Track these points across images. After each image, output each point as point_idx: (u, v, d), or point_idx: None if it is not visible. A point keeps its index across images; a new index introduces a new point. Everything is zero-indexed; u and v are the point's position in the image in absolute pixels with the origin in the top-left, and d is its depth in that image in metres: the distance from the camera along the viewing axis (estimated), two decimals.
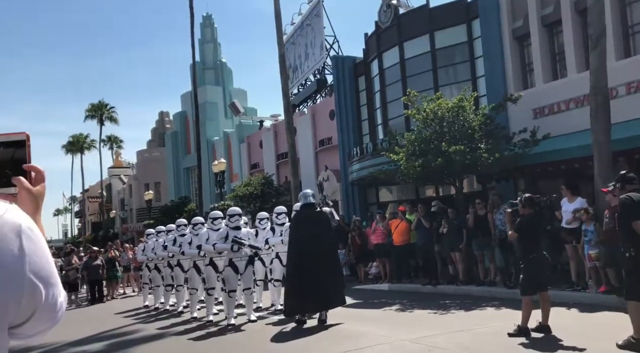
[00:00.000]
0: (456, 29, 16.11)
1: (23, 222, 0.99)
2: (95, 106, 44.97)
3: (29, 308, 1.00)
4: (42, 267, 1.00)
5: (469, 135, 12.10)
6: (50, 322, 1.07)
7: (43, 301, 1.01)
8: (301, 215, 8.49)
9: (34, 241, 0.99)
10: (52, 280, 1.02)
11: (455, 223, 11.19)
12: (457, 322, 7.48)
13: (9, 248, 0.95)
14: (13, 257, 0.95)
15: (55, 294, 1.04)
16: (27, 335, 1.06)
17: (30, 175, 1.13)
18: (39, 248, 1.00)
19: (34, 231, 1.01)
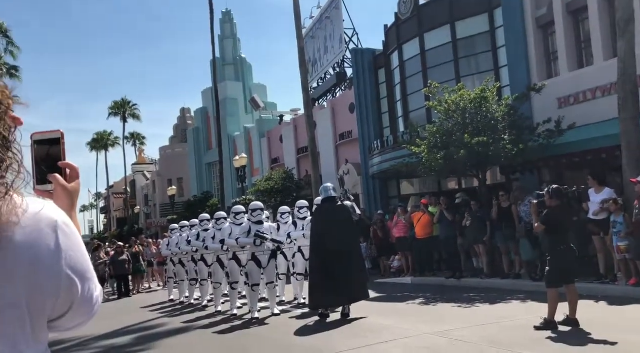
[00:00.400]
0: (478, 19, 15.85)
1: (59, 218, 1.01)
2: (118, 104, 45.64)
3: (67, 302, 1.02)
4: (78, 261, 1.02)
5: (492, 126, 11.92)
6: (87, 316, 1.09)
7: (80, 295, 1.03)
8: (322, 209, 8.48)
9: (69, 236, 1.01)
10: (88, 275, 1.04)
11: (479, 216, 11.05)
12: (482, 316, 7.39)
13: (46, 244, 0.96)
14: (50, 252, 0.97)
15: (91, 288, 1.06)
16: (65, 328, 1.09)
17: (65, 172, 1.15)
18: (74, 244, 1.02)
19: (70, 227, 1.03)
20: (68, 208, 1.16)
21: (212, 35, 23.36)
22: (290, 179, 23.23)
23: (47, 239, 0.97)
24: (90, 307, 1.08)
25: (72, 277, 1.00)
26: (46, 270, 0.96)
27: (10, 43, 27.97)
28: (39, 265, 0.95)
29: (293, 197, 20.59)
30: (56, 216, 1.01)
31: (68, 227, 1.02)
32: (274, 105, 38.91)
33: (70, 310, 1.04)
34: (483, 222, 10.95)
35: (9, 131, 0.95)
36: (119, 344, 7.81)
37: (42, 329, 1.00)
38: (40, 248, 0.95)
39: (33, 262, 0.94)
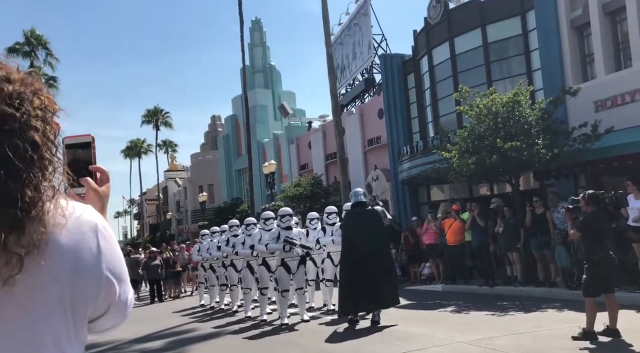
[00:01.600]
0: (510, 22, 15.59)
1: (99, 221, 1.03)
2: (151, 112, 46.64)
3: (105, 304, 1.04)
4: (116, 264, 1.04)
5: (525, 130, 11.67)
6: (121, 318, 1.10)
7: (117, 297, 1.05)
8: (353, 214, 8.43)
9: (108, 239, 1.03)
10: (124, 277, 1.06)
11: (512, 222, 10.81)
12: (517, 324, 7.20)
13: (88, 247, 0.99)
14: (92, 255, 0.99)
15: (127, 291, 1.08)
16: (100, 330, 1.10)
17: (96, 176, 1.17)
18: (112, 247, 1.04)
19: (108, 230, 1.05)
20: (99, 212, 1.18)
21: (242, 44, 23.66)
22: (318, 185, 23.24)
23: (89, 242, 0.99)
24: (125, 309, 1.10)
25: (111, 279, 1.02)
26: (88, 272, 0.98)
27: (50, 54, 29.01)
28: (82, 267, 0.97)
29: (321, 202, 20.58)
30: (96, 220, 1.03)
31: (106, 230, 1.04)
32: (302, 112, 39.10)
33: (107, 312, 1.05)
34: (516, 228, 10.70)
35: (54, 135, 0.98)
36: (152, 348, 7.92)
37: (82, 330, 1.02)
38: (83, 251, 0.98)
39: (76, 263, 0.97)
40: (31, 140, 0.91)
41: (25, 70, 1.01)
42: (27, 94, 0.94)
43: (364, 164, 22.68)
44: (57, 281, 0.94)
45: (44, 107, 0.97)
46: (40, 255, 0.91)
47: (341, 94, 25.36)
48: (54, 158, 0.96)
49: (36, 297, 0.93)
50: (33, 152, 0.91)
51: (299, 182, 23.50)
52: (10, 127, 0.89)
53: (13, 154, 0.88)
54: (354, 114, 24.28)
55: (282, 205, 18.29)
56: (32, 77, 1.00)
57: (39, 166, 0.92)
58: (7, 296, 0.90)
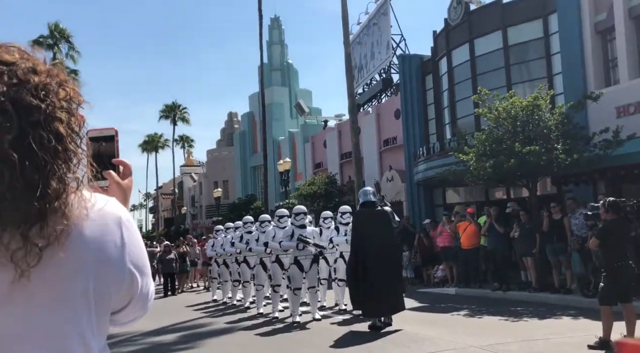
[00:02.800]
0: (531, 25, 15.40)
1: (123, 213, 1.03)
2: (168, 107, 46.98)
3: (127, 296, 1.04)
4: (139, 257, 1.04)
5: (544, 135, 11.52)
6: (142, 310, 1.11)
7: (139, 290, 1.05)
8: (362, 213, 8.34)
9: (132, 232, 1.03)
10: (146, 270, 1.06)
11: (528, 227, 10.69)
12: (531, 331, 7.12)
13: (112, 240, 0.98)
14: (116, 247, 0.99)
15: (148, 283, 1.08)
16: (122, 323, 1.10)
17: (119, 169, 1.18)
18: (135, 239, 1.04)
19: (132, 222, 1.04)
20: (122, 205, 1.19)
21: (260, 42, 23.73)
22: (332, 184, 23.23)
23: (112, 234, 0.99)
24: (146, 301, 1.09)
25: (133, 272, 1.02)
26: (112, 264, 0.98)
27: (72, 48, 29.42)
28: (106, 260, 0.97)
29: (335, 202, 20.57)
30: (120, 212, 1.02)
31: (130, 222, 1.03)
32: (318, 111, 39.11)
33: (129, 305, 1.05)
34: (532, 233, 10.58)
35: (79, 127, 0.98)
36: (165, 341, 7.99)
37: (104, 322, 1.02)
38: (106, 243, 0.97)
39: (100, 256, 0.96)
40: (56, 131, 0.91)
41: (50, 62, 1.00)
42: (52, 86, 0.94)
43: (379, 164, 22.61)
44: (80, 274, 0.94)
45: (69, 98, 0.96)
46: (61, 247, 0.91)
47: (358, 93, 25.31)
48: (78, 150, 0.95)
49: (58, 290, 0.93)
50: (57, 144, 0.91)
51: (314, 181, 23.51)
52: (35, 118, 0.89)
53: (37, 145, 0.88)
54: (370, 113, 24.21)
55: (296, 203, 18.32)
56: (57, 68, 0.99)
57: (63, 158, 0.92)
58: (26, 288, 0.89)
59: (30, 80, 0.91)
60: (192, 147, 53.08)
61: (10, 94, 0.88)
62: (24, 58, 0.94)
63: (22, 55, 0.95)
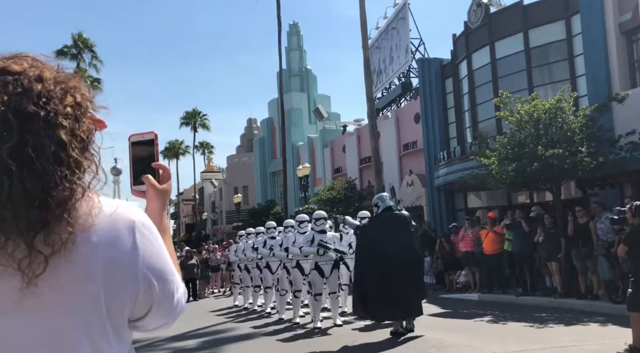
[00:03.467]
0: (553, 26, 15.20)
1: (136, 218, 1.00)
2: (189, 114, 47.49)
3: (146, 303, 1.01)
4: (156, 262, 1.00)
5: (568, 138, 11.34)
6: (169, 317, 1.07)
7: (159, 296, 1.01)
8: (381, 218, 8.19)
9: (146, 236, 1.00)
10: (167, 276, 1.02)
11: (552, 232, 10.49)
12: (557, 337, 6.97)
13: (122, 245, 0.96)
14: (126, 252, 0.96)
15: (172, 289, 1.04)
16: (148, 329, 1.08)
17: (158, 173, 1.17)
18: (151, 244, 1.00)
19: (148, 227, 1.01)
20: (159, 209, 1.17)
21: (279, 48, 23.88)
22: (352, 189, 23.17)
23: (123, 240, 0.96)
24: (171, 308, 1.05)
25: (149, 278, 0.99)
26: (123, 271, 0.96)
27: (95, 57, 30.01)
28: (116, 266, 0.95)
29: (355, 207, 20.51)
30: (133, 216, 0.99)
31: (145, 227, 1.01)
32: (337, 116, 39.12)
33: (150, 311, 1.02)
34: (556, 238, 10.38)
35: (87, 133, 0.96)
36: (187, 347, 8.04)
37: (123, 329, 1.00)
38: (116, 249, 0.95)
39: (109, 262, 0.94)
40: (57, 139, 0.90)
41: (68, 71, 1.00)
42: (56, 92, 0.93)
43: (399, 168, 22.49)
44: (88, 281, 0.93)
45: (75, 104, 0.95)
46: (67, 255, 0.90)
47: (377, 97, 25.24)
48: (83, 156, 0.93)
49: (67, 297, 0.92)
50: (59, 151, 0.89)
51: (333, 186, 23.50)
52: (35, 126, 0.88)
53: (36, 153, 0.87)
54: (389, 118, 24.12)
55: (316, 208, 18.32)
56: (68, 75, 0.98)
57: (66, 165, 0.90)
58: (35, 295, 0.89)
59: (32, 88, 0.91)
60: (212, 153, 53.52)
61: (11, 103, 0.88)
62: (33, 66, 0.95)
63: (32, 63, 0.95)
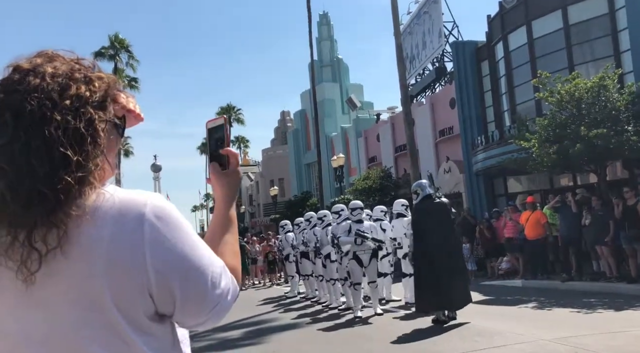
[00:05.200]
0: (594, 1, 14.61)
1: (148, 208, 0.92)
2: (224, 109, 48.00)
3: (166, 300, 0.94)
4: (170, 256, 0.92)
5: (613, 116, 10.90)
6: (203, 316, 0.98)
7: (180, 295, 0.93)
8: (422, 208, 8.15)
9: (159, 229, 0.92)
10: (186, 272, 0.93)
11: (600, 214, 10.11)
12: (607, 323, 6.73)
13: (127, 238, 0.90)
14: (131, 247, 0.90)
15: (200, 287, 0.94)
16: (187, 326, 1.03)
17: (228, 159, 1.14)
18: (167, 237, 0.92)
19: (164, 217, 0.93)
20: (224, 197, 1.13)
21: (310, 39, 23.82)
22: (388, 178, 23.00)
23: (128, 233, 0.90)
24: (204, 307, 0.96)
25: (162, 275, 0.91)
26: (126, 267, 0.90)
27: (131, 57, 30.72)
28: (118, 262, 0.89)
29: (391, 196, 20.36)
30: (144, 206, 0.92)
31: (160, 217, 0.92)
32: (370, 104, 38.84)
33: (176, 309, 0.95)
34: (604, 220, 10.01)
35: (90, 125, 0.91)
36: (231, 337, 8.17)
37: (142, 321, 0.93)
38: (119, 243, 0.89)
39: (111, 257, 0.89)
40: (48, 134, 0.87)
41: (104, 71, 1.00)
42: (52, 86, 0.91)
43: (435, 155, 22.16)
44: (89, 277, 0.88)
45: (74, 97, 0.92)
46: (67, 251, 0.87)
47: (411, 84, 24.88)
48: (81, 150, 0.90)
49: (71, 294, 0.89)
50: (52, 145, 0.87)
51: (368, 175, 23.38)
52: (27, 122, 0.87)
53: (27, 150, 0.86)
54: (424, 104, 23.77)
55: (351, 199, 18.27)
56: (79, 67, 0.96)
57: (59, 160, 0.87)
58: (37, 292, 0.88)
59: (29, 83, 0.90)
60: (248, 147, 54.08)
61: (7, 100, 0.89)
62: (44, 63, 0.94)
63: (46, 59, 0.95)
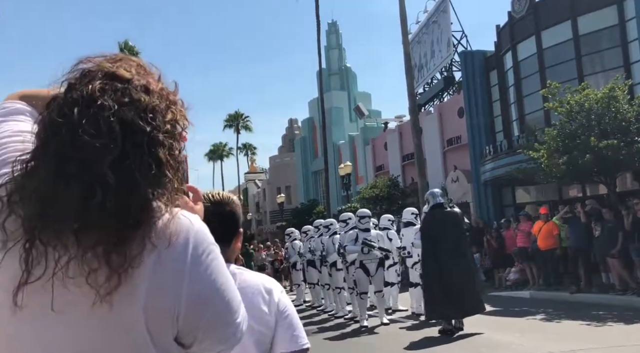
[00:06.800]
0: (604, 12, 14.56)
1: (192, 234, 0.91)
2: (232, 116, 48.29)
3: (190, 330, 0.91)
4: (204, 285, 0.91)
5: (623, 127, 10.84)
6: (223, 343, 0.96)
7: (207, 324, 0.92)
8: (433, 216, 8.13)
9: (199, 258, 0.90)
10: (211, 299, 0.91)
11: (609, 226, 10.01)
12: (617, 336, 6.65)
13: (172, 266, 0.88)
14: (173, 275, 0.88)
15: (218, 314, 0.93)
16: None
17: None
18: (205, 266, 0.91)
19: (204, 245, 0.92)
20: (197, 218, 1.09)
21: (318, 48, 23.94)
22: (395, 187, 22.94)
23: (172, 260, 0.88)
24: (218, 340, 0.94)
25: (195, 302, 0.89)
26: (166, 292, 0.87)
27: None
28: (160, 286, 0.87)
29: (398, 204, 20.31)
30: (189, 233, 0.90)
31: (201, 245, 0.91)
32: (378, 113, 38.83)
33: (196, 341, 0.93)
34: (615, 232, 9.91)
35: (179, 152, 0.92)
36: None
37: (171, 348, 0.91)
38: (164, 269, 0.87)
39: (154, 282, 0.87)
40: (156, 156, 0.87)
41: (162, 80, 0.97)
42: (161, 107, 0.90)
43: (443, 164, 22.10)
44: (133, 299, 0.86)
45: (174, 122, 0.92)
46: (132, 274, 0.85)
47: (419, 93, 24.90)
48: (175, 177, 0.90)
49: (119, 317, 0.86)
50: (156, 170, 0.87)
51: (375, 184, 23.34)
52: (139, 140, 0.86)
53: (136, 169, 0.85)
54: (432, 113, 23.75)
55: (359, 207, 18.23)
56: (169, 88, 0.95)
57: (157, 184, 0.87)
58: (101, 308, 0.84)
59: (141, 100, 0.88)
60: (255, 154, 54.17)
61: (120, 113, 0.86)
62: (140, 74, 0.92)
63: (139, 70, 0.93)
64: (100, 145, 0.83)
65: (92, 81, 0.89)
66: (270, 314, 1.40)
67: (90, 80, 0.89)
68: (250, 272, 1.47)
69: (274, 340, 1.40)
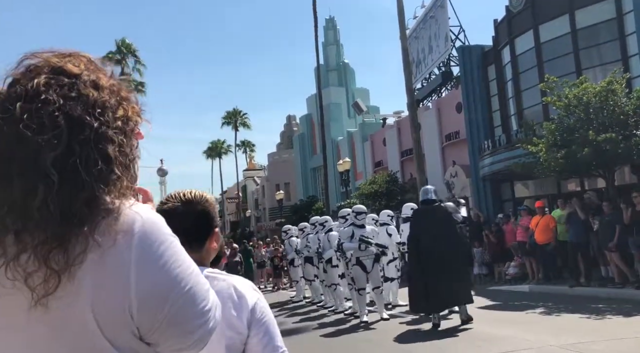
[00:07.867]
0: (602, 5, 14.53)
1: (138, 228, 0.87)
2: (230, 113, 48.22)
3: (149, 325, 0.87)
4: (155, 280, 0.86)
5: (621, 121, 10.83)
6: (185, 341, 0.91)
7: (167, 318, 0.87)
8: (419, 211, 8.26)
9: (148, 251, 0.86)
10: (167, 293, 0.87)
11: (607, 219, 10.01)
12: (617, 329, 6.65)
13: (116, 261, 0.84)
14: (118, 270, 0.85)
15: (180, 308, 0.88)
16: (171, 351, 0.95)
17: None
18: (155, 259, 0.87)
19: (154, 238, 0.87)
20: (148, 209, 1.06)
21: (316, 44, 23.90)
22: (394, 182, 22.94)
23: (116, 255, 0.85)
24: (184, 333, 0.90)
25: (148, 297, 0.85)
26: (111, 290, 0.84)
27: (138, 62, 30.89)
28: (104, 285, 0.84)
29: (397, 200, 20.31)
30: (136, 227, 0.86)
31: (151, 238, 0.87)
32: (376, 109, 38.82)
33: (162, 337, 0.89)
34: (613, 225, 9.91)
35: (131, 149, 0.90)
36: None
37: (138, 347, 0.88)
38: (107, 266, 0.84)
39: (98, 280, 0.84)
40: (105, 153, 0.84)
41: (118, 76, 0.95)
42: (111, 103, 0.88)
43: (442, 159, 22.09)
44: (78, 297, 0.83)
45: (126, 118, 0.90)
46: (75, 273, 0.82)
47: (417, 88, 24.86)
48: (124, 175, 0.87)
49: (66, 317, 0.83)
50: (104, 166, 0.84)
51: (374, 180, 23.33)
52: (85, 137, 0.83)
53: (82, 166, 0.81)
54: (430, 108, 23.73)
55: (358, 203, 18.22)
56: (121, 84, 0.93)
57: (106, 182, 0.84)
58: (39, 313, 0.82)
59: (89, 95, 0.86)
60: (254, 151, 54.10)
61: (65, 108, 0.83)
62: (89, 70, 0.90)
63: (88, 66, 0.91)
64: (43, 141, 0.80)
65: (38, 76, 0.86)
66: (241, 319, 1.34)
67: (36, 75, 0.86)
68: (225, 276, 1.38)
69: (247, 346, 1.35)
